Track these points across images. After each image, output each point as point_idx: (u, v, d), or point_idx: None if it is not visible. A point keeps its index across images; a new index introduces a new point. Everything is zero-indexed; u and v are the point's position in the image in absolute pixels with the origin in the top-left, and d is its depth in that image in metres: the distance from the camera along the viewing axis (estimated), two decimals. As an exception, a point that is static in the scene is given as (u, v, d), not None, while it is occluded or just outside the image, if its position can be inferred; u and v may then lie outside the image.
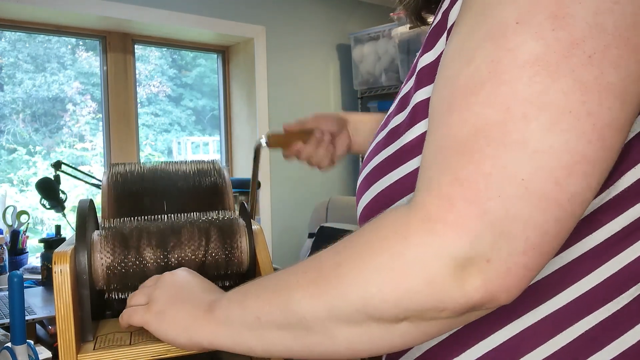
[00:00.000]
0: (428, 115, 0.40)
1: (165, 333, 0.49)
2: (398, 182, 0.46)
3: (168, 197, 0.74)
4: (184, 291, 0.51)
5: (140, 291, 0.55)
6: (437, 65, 0.42)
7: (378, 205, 0.47)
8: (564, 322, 0.40)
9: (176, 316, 0.48)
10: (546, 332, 0.41)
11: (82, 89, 2.50)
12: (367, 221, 0.43)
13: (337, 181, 3.00)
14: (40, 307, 1.35)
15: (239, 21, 2.56)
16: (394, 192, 0.46)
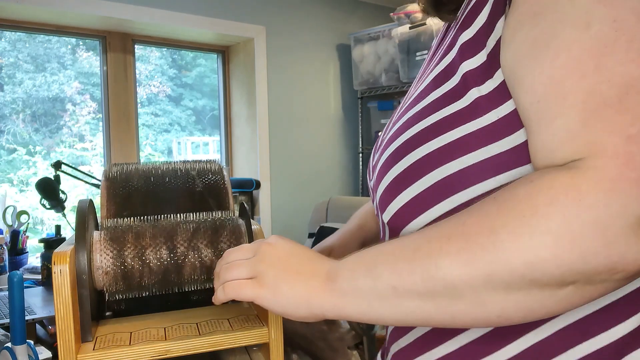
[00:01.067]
0: (508, 84, 0.41)
1: (283, 307, 0.47)
2: (441, 150, 0.46)
3: (168, 197, 0.74)
4: (292, 262, 0.49)
5: (240, 264, 0.52)
6: (478, 40, 0.45)
7: (418, 172, 0.48)
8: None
9: (293, 289, 0.47)
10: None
11: (82, 89, 2.50)
12: (400, 190, 0.47)
13: (337, 181, 3.00)
14: (40, 307, 1.35)
15: (239, 21, 2.56)
16: (438, 158, 0.46)
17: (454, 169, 0.46)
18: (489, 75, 0.44)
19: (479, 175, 0.45)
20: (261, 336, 0.63)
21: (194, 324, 0.66)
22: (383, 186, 0.52)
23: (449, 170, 0.46)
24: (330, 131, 2.96)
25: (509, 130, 0.43)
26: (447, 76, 0.49)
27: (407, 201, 0.49)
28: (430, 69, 0.55)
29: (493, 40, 0.44)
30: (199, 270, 0.65)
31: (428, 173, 0.47)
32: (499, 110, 0.44)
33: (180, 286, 0.66)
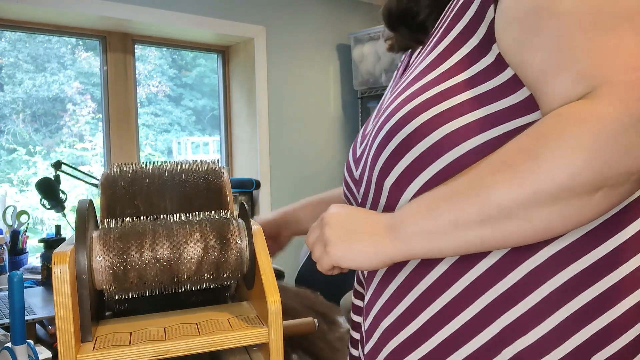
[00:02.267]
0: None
1: (360, 264, 0.55)
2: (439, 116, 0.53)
3: (168, 197, 0.74)
4: (351, 224, 0.56)
5: (314, 242, 0.60)
6: (470, 28, 0.54)
7: (419, 137, 0.54)
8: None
9: (359, 246, 0.54)
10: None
11: (82, 89, 2.50)
12: (403, 154, 0.54)
13: (337, 181, 3.00)
14: (40, 307, 1.35)
15: (239, 21, 2.56)
16: (438, 123, 0.53)
17: (454, 126, 0.52)
18: (485, 52, 0.52)
19: (471, 132, 0.51)
20: (261, 336, 0.63)
21: (194, 324, 0.66)
22: (387, 152, 0.57)
23: (447, 130, 0.52)
24: (330, 131, 2.96)
25: (503, 95, 0.51)
26: (442, 60, 0.56)
27: (410, 163, 0.55)
28: (413, 67, 0.61)
29: (484, 26, 0.52)
30: (199, 270, 0.65)
31: (427, 136, 0.53)
32: (496, 80, 0.51)
33: (180, 286, 0.66)
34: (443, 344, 0.53)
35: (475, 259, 0.52)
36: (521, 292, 0.50)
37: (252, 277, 0.68)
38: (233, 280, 0.69)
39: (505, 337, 0.50)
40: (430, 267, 0.55)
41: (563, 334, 0.49)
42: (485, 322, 0.51)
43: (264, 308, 0.63)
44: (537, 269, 0.50)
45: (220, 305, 0.74)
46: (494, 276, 0.51)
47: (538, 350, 0.49)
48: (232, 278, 0.68)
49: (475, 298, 0.52)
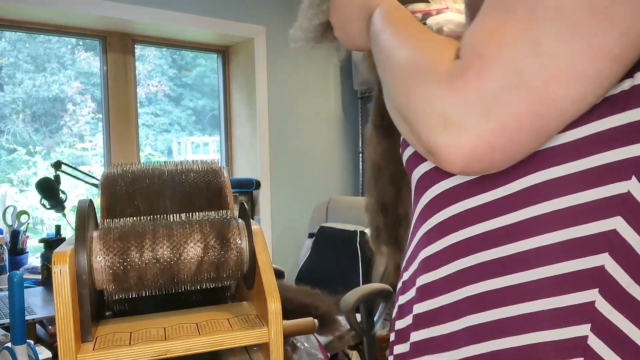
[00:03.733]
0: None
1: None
2: None
3: (167, 197, 0.74)
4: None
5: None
6: None
7: None
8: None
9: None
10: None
11: (82, 89, 2.50)
12: None
13: (337, 181, 3.00)
14: (40, 307, 1.35)
15: (239, 21, 2.56)
16: None
17: None
18: None
19: None
20: (261, 336, 0.63)
21: (194, 324, 0.66)
22: None
23: None
24: (330, 131, 2.96)
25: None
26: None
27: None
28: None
29: None
30: (199, 270, 0.65)
31: None
32: None
33: (180, 286, 0.66)
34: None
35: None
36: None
37: (252, 277, 0.68)
38: (233, 280, 0.69)
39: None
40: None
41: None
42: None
43: (264, 308, 0.63)
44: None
45: (220, 305, 0.74)
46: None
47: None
48: (232, 278, 0.68)
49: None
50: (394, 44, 0.49)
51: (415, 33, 0.49)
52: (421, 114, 0.42)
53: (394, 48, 0.49)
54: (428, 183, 0.54)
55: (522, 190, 0.46)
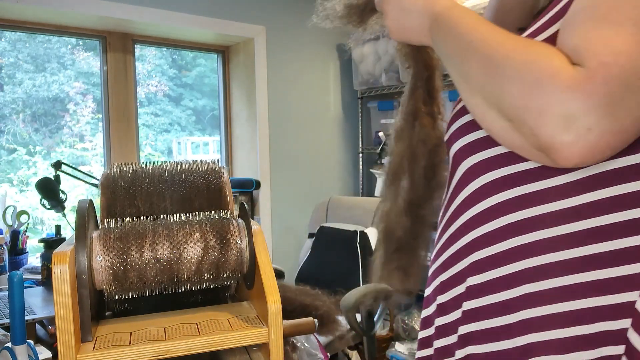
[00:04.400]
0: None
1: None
2: None
3: (167, 197, 0.74)
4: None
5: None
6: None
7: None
8: None
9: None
10: None
11: (82, 89, 2.50)
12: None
13: (337, 181, 3.00)
14: (40, 307, 1.35)
15: (239, 21, 2.56)
16: None
17: None
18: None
19: None
20: (261, 336, 0.63)
21: (194, 324, 0.66)
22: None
23: None
24: (330, 131, 2.96)
25: None
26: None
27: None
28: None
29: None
30: (199, 270, 0.65)
31: None
32: None
33: (180, 286, 0.66)
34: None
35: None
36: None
37: (252, 277, 0.68)
38: (233, 280, 0.69)
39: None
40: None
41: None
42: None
43: (264, 308, 0.63)
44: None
45: (220, 305, 0.74)
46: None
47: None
48: (232, 278, 0.68)
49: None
50: (493, 46, 0.52)
51: (509, 36, 0.52)
52: (542, 115, 0.46)
53: (497, 50, 0.51)
54: (480, 171, 0.58)
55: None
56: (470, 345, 0.58)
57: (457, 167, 0.62)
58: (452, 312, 0.61)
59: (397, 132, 0.69)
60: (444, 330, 0.63)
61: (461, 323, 0.60)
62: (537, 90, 0.46)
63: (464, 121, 0.61)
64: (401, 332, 2.50)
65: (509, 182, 0.56)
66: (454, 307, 0.61)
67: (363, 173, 3.04)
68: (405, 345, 2.40)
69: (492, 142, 0.57)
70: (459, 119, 0.62)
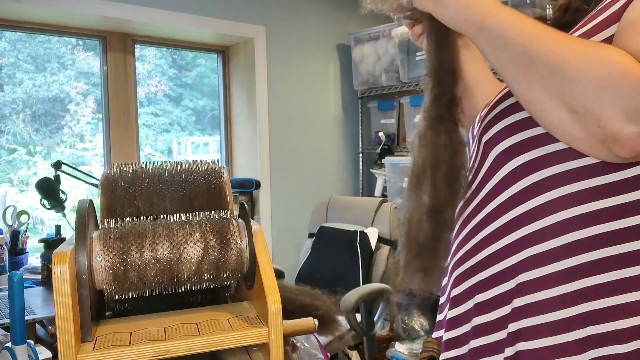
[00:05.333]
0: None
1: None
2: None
3: (168, 197, 0.74)
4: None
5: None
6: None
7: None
8: None
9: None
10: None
11: (83, 89, 2.50)
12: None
13: (337, 181, 3.00)
14: (40, 307, 1.35)
15: (239, 21, 2.56)
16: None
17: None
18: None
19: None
20: (261, 336, 0.63)
21: (194, 324, 0.66)
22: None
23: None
24: (330, 131, 2.96)
25: None
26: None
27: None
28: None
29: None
30: (199, 270, 0.65)
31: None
32: None
33: (180, 286, 0.66)
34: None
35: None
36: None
37: (252, 277, 0.68)
38: (233, 280, 0.69)
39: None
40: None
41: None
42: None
43: (264, 308, 0.63)
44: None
45: (220, 305, 0.74)
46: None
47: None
48: (232, 278, 0.68)
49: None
50: (562, 40, 0.54)
51: (570, 35, 0.56)
52: (611, 106, 0.50)
53: (566, 44, 0.54)
54: (528, 170, 0.60)
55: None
56: (521, 342, 0.59)
57: (499, 167, 0.64)
58: (498, 309, 0.62)
59: (420, 137, 0.70)
60: (486, 328, 0.63)
61: (512, 320, 0.60)
62: (609, 84, 0.50)
63: (508, 122, 0.63)
64: (401, 332, 2.50)
65: (560, 180, 0.58)
66: (501, 303, 0.62)
67: (363, 173, 3.04)
68: (405, 345, 2.40)
69: (538, 143, 0.59)
70: (503, 119, 0.64)
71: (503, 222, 0.62)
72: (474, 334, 0.65)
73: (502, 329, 0.61)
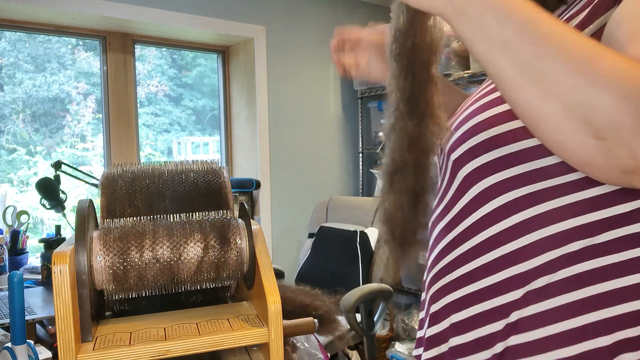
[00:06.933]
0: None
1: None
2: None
3: (167, 197, 0.74)
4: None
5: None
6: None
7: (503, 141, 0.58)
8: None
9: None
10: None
11: (83, 89, 2.50)
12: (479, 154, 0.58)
13: (337, 181, 3.00)
14: (40, 307, 1.35)
15: (239, 21, 2.56)
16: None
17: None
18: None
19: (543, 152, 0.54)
20: (261, 336, 0.63)
21: (194, 324, 0.66)
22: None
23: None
24: (330, 131, 2.96)
25: None
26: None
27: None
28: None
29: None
30: (199, 270, 0.65)
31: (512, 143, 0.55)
32: None
33: (180, 286, 0.66)
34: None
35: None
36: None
37: (252, 277, 0.68)
38: (233, 280, 0.69)
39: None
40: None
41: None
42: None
43: (264, 308, 0.63)
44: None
45: (220, 305, 0.74)
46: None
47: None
48: (232, 278, 0.68)
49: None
50: (586, 47, 0.45)
51: (594, 42, 0.48)
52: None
53: (594, 53, 0.45)
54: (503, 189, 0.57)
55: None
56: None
57: (468, 187, 0.60)
58: (477, 329, 0.60)
59: (388, 132, 0.67)
60: (462, 350, 0.61)
61: (499, 339, 0.58)
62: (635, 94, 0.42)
63: (478, 140, 0.59)
64: (401, 332, 2.51)
65: (531, 201, 0.55)
66: (478, 325, 0.60)
67: (363, 173, 3.04)
68: (405, 345, 2.40)
69: (508, 163, 0.56)
70: (472, 137, 0.59)
71: (474, 244, 0.59)
72: (450, 354, 0.62)
73: (486, 348, 0.58)
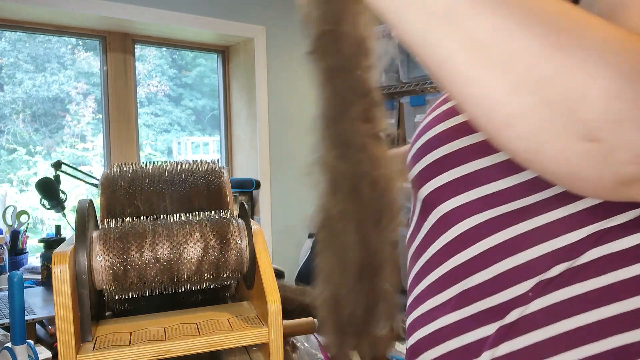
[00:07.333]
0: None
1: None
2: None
3: (167, 197, 0.74)
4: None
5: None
6: None
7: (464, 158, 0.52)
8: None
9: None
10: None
11: (83, 89, 2.50)
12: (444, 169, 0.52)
13: (337, 181, 3.00)
14: (40, 307, 1.35)
15: (239, 21, 2.56)
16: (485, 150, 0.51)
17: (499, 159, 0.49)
18: None
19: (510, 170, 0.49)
20: (261, 336, 0.63)
21: (194, 324, 0.66)
22: (427, 161, 0.55)
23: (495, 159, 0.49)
24: (330, 131, 2.95)
25: None
26: None
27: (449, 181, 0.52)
28: None
29: None
30: (199, 270, 0.65)
31: (474, 160, 0.50)
32: None
33: (180, 286, 0.66)
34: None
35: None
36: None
37: (252, 277, 0.68)
38: (233, 280, 0.69)
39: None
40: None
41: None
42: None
43: (264, 308, 0.63)
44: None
45: (220, 305, 0.74)
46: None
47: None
48: (232, 278, 0.68)
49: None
50: (586, 24, 0.34)
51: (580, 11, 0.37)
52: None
53: (590, 30, 0.33)
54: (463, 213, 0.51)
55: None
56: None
57: (430, 210, 0.55)
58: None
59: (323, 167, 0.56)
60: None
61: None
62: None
63: (435, 157, 0.53)
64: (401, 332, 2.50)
65: (494, 225, 0.50)
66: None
67: (363, 173, 3.04)
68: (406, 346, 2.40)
69: (470, 184, 0.50)
70: (429, 153, 0.54)
71: (442, 273, 0.54)
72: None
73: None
